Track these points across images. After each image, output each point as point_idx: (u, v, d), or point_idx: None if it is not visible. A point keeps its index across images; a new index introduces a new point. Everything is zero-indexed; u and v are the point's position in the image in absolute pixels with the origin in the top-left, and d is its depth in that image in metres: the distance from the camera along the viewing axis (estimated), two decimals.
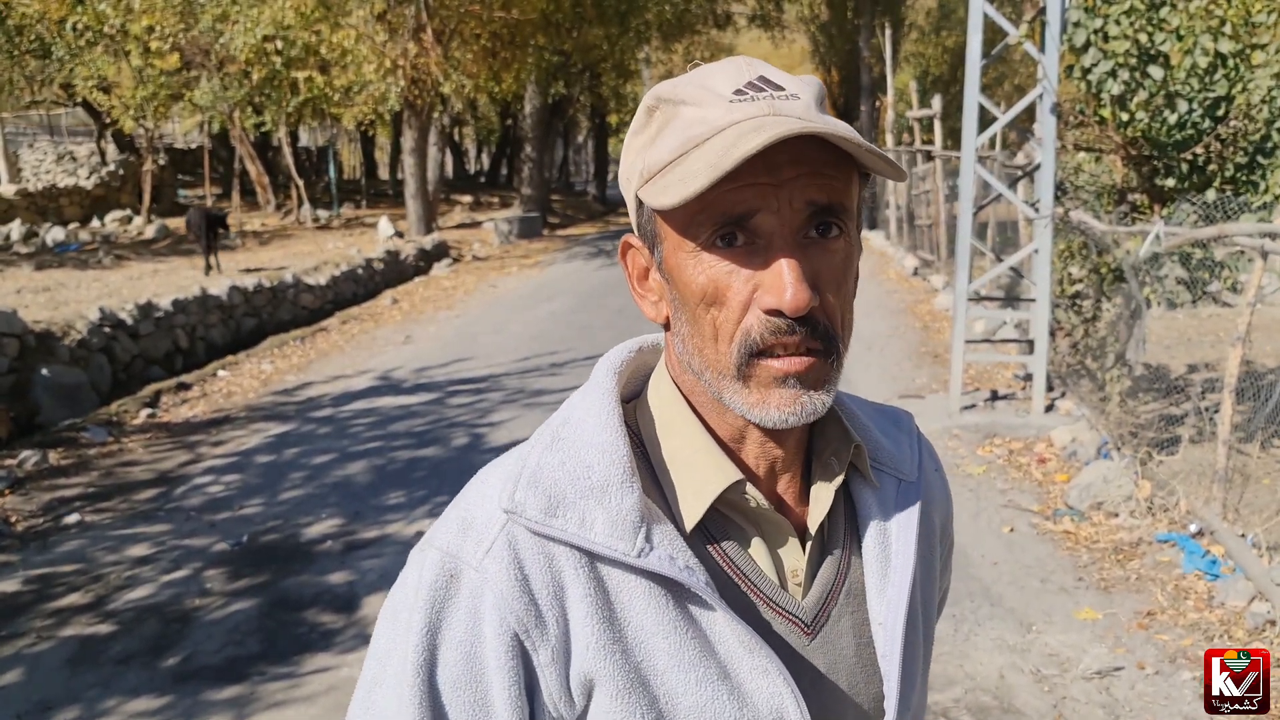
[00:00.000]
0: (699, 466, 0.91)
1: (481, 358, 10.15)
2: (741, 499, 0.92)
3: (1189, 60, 6.43)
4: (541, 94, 24.16)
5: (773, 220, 0.83)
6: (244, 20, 16.54)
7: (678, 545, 0.87)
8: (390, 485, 6.39)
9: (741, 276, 0.84)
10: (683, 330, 0.90)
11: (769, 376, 0.86)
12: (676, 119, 0.87)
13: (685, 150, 0.84)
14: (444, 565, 0.89)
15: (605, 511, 0.87)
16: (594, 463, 0.89)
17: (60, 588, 5.01)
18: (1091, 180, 7.73)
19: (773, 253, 0.83)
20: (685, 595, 0.88)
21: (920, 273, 15.29)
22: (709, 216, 0.83)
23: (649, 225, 0.90)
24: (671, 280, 0.89)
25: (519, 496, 0.87)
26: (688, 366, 0.91)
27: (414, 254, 17.70)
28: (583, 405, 0.94)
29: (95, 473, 6.88)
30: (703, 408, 0.93)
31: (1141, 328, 6.90)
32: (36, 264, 14.69)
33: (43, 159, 24.65)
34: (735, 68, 0.88)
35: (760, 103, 0.84)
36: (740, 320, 0.85)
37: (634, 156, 0.90)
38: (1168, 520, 5.34)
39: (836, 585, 0.96)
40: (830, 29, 34.38)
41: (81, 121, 29.94)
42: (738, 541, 0.93)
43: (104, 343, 9.45)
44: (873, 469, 1.01)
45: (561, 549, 0.87)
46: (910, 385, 8.60)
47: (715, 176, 0.78)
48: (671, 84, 0.89)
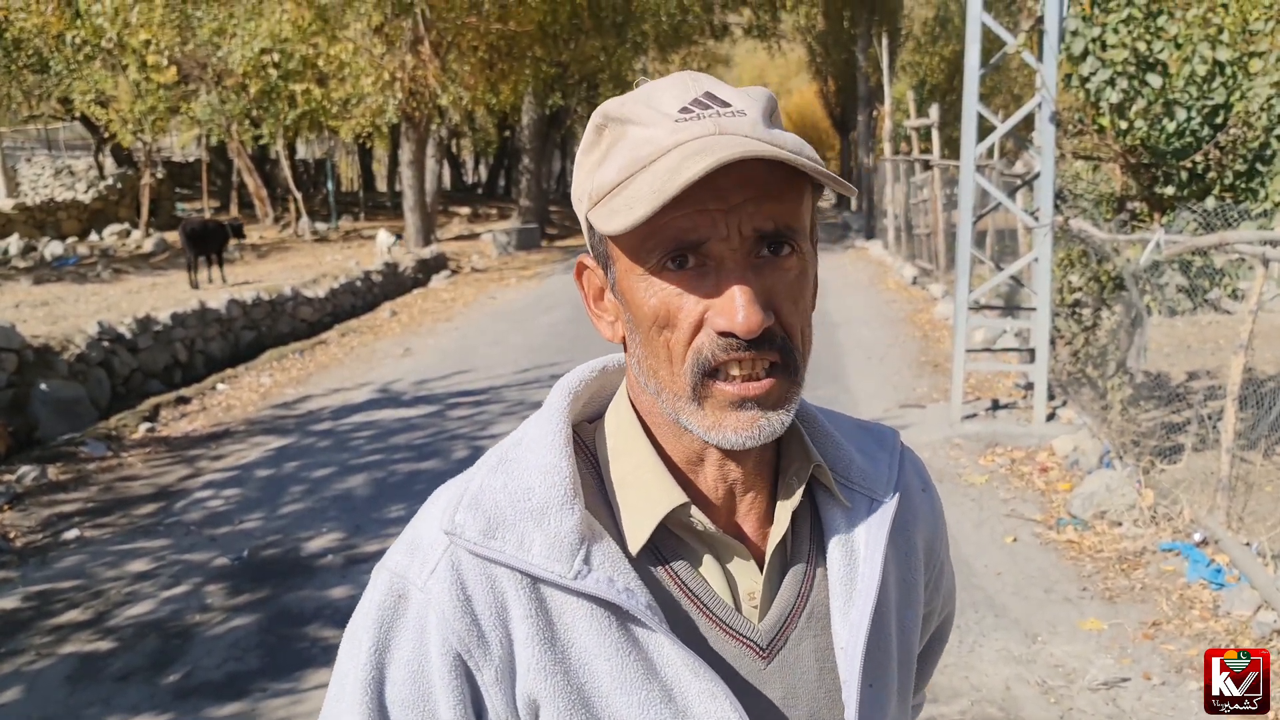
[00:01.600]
0: (646, 488, 0.91)
1: (481, 369, 10.14)
2: (690, 521, 0.90)
3: (1187, 68, 6.43)
4: (539, 105, 24.20)
5: (722, 246, 0.82)
6: (241, 34, 16.58)
7: (620, 567, 0.87)
8: (391, 498, 6.37)
9: (692, 299, 0.84)
10: (638, 351, 0.89)
11: (724, 399, 0.85)
12: (624, 139, 0.85)
13: (632, 173, 0.83)
14: (393, 585, 0.90)
15: (543, 533, 0.86)
16: (535, 485, 0.89)
17: (60, 604, 4.99)
18: (1090, 188, 7.73)
19: (724, 275, 0.83)
20: (628, 618, 0.87)
21: (919, 281, 15.30)
22: (658, 241, 0.83)
23: (601, 247, 0.90)
24: (624, 301, 0.89)
25: (459, 518, 0.88)
26: (644, 387, 0.90)
27: (412, 266, 17.71)
28: (535, 427, 0.94)
29: (94, 488, 6.86)
30: (658, 429, 0.93)
31: (1142, 336, 6.89)
32: (35, 278, 14.68)
33: (40, 173, 24.68)
34: (681, 84, 0.87)
35: (705, 121, 0.83)
36: (690, 341, 0.84)
37: (584, 176, 0.89)
38: (1171, 529, 5.32)
39: (796, 608, 0.94)
40: (827, 39, 34.46)
41: (79, 136, 29.98)
42: (690, 563, 0.91)
43: (103, 357, 9.44)
44: (844, 488, 0.98)
45: (503, 570, 0.87)
46: (911, 395, 8.58)
47: (658, 204, 0.78)
48: (619, 101, 0.88)
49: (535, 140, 25.24)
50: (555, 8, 19.35)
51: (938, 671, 3.92)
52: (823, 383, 9.07)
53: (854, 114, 32.95)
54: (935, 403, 8.20)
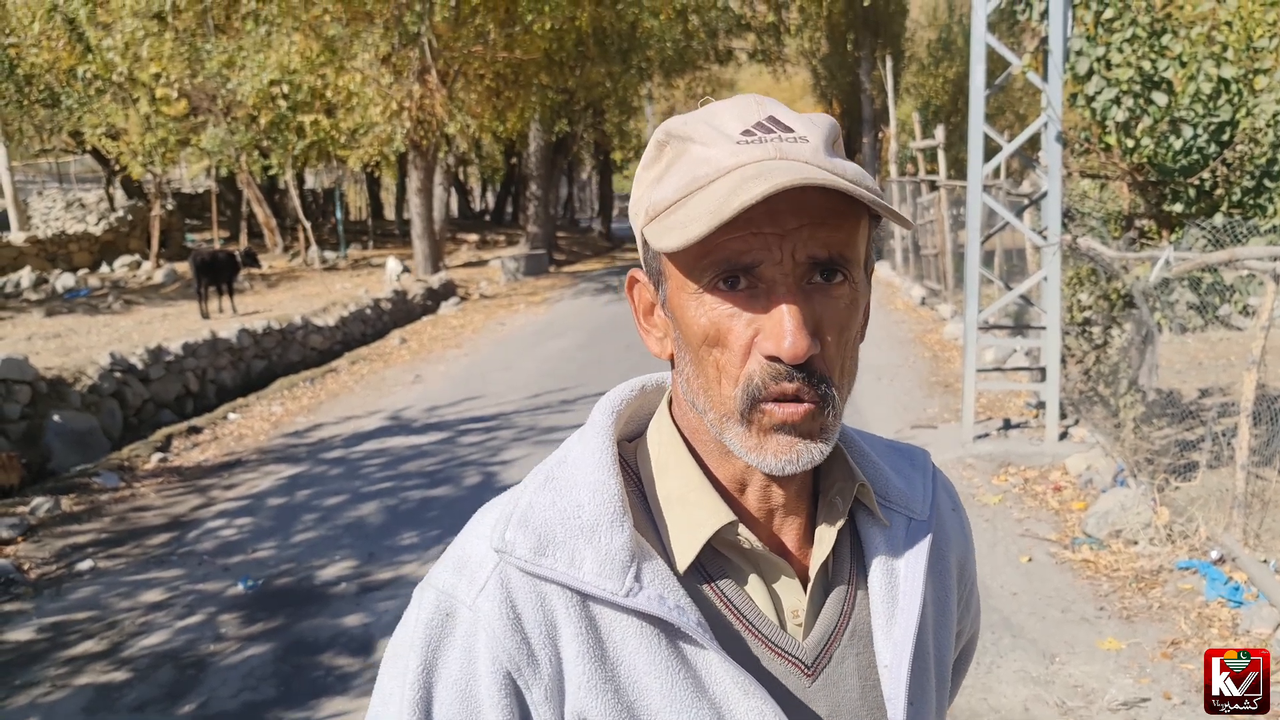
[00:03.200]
0: (693, 506, 0.91)
1: (491, 396, 10.15)
2: (737, 540, 0.91)
3: (1192, 86, 6.46)
4: (545, 132, 24.33)
5: (774, 270, 0.83)
6: (250, 66, 16.71)
7: (669, 585, 0.87)
8: (403, 525, 6.37)
9: (743, 320, 0.84)
10: (686, 369, 0.90)
11: (768, 423, 0.85)
12: (684, 156, 0.87)
13: (690, 191, 0.84)
14: (439, 604, 0.89)
15: (594, 550, 0.86)
16: (585, 502, 0.89)
17: (74, 635, 4.99)
18: (1098, 207, 7.74)
19: (774, 299, 0.83)
20: (678, 635, 0.88)
21: (928, 302, 15.29)
22: (711, 261, 0.83)
23: (654, 262, 0.91)
24: (675, 318, 0.89)
25: (509, 536, 0.88)
26: (692, 404, 0.91)
27: (421, 293, 17.76)
28: (579, 445, 0.94)
29: (108, 518, 6.87)
30: (704, 448, 0.93)
31: (1153, 353, 6.87)
32: (47, 310, 14.76)
33: (52, 206, 24.85)
34: (745, 106, 0.88)
35: (767, 145, 0.84)
36: (743, 364, 0.85)
37: (643, 191, 0.90)
38: (1188, 547, 5.29)
39: (839, 626, 0.95)
40: (831, 62, 34.65)
41: (90, 169, 30.21)
42: (735, 581, 0.92)
43: (115, 388, 9.47)
44: (882, 507, 1.00)
45: (553, 588, 0.87)
46: (922, 415, 8.57)
47: (714, 224, 0.78)
48: (683, 120, 0.89)
49: (542, 167, 25.36)
50: (561, 36, 19.48)
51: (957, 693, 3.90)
52: None
53: (859, 136, 33.06)
54: (947, 423, 8.18)
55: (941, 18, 33.53)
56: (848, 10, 28.54)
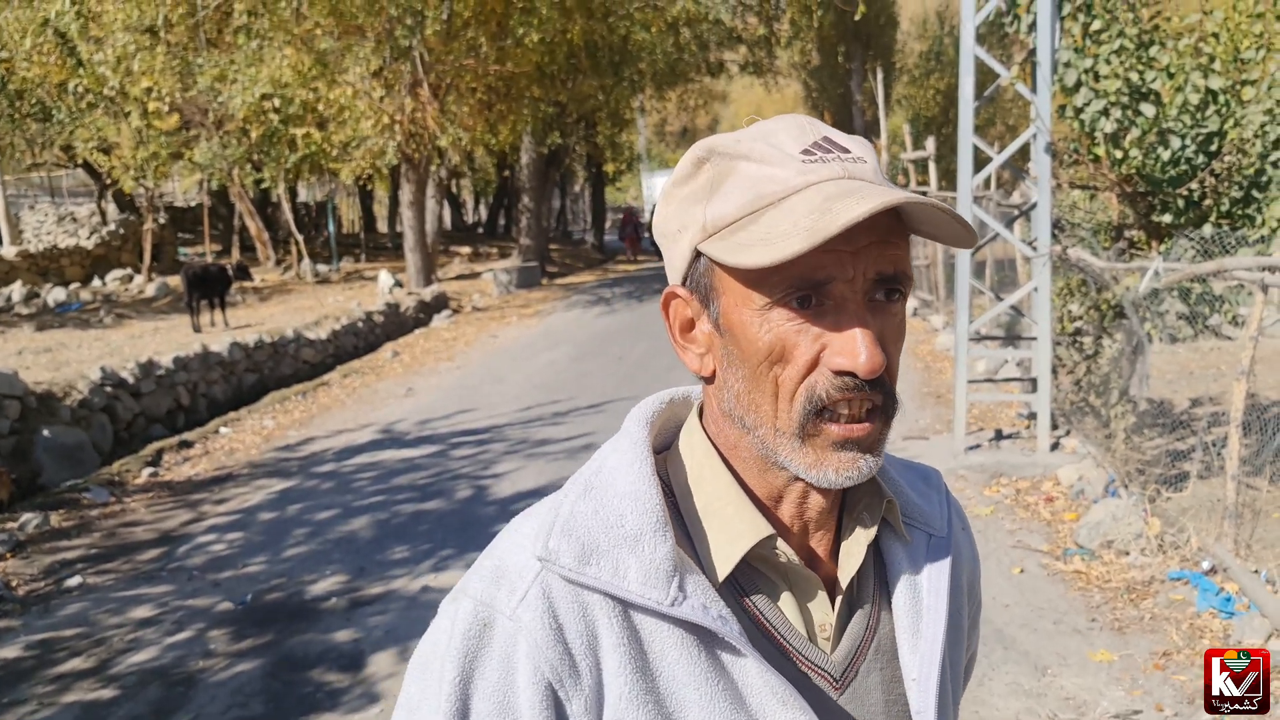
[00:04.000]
0: (731, 519, 0.91)
1: (484, 409, 10.13)
2: (772, 554, 0.92)
3: (1180, 97, 6.49)
4: (537, 145, 24.35)
5: (845, 287, 0.84)
6: (242, 80, 16.70)
7: (710, 595, 0.87)
8: (394, 540, 6.34)
9: (810, 335, 0.85)
10: (735, 386, 0.90)
11: (829, 440, 0.87)
12: (735, 174, 0.87)
13: (758, 208, 0.85)
14: (477, 614, 0.88)
15: (639, 560, 0.86)
16: (627, 512, 0.89)
17: (62, 652, 4.96)
18: (1088, 217, 7.77)
19: (844, 316, 0.85)
20: (718, 645, 0.88)
21: (919, 313, 15.32)
22: (784, 278, 0.84)
23: (704, 278, 0.90)
24: (730, 335, 0.89)
25: (553, 544, 0.87)
26: (737, 421, 0.91)
27: (414, 306, 17.74)
28: (615, 455, 0.94)
29: (97, 534, 6.84)
30: (740, 463, 0.93)
31: (1144, 363, 6.89)
32: (38, 325, 14.72)
33: (43, 220, 24.78)
34: (798, 126, 0.89)
35: (833, 164, 0.86)
36: (804, 377, 0.86)
37: (682, 207, 0.91)
38: (1179, 557, 5.29)
39: (865, 640, 0.96)
40: (822, 74, 34.78)
41: (82, 183, 30.19)
42: (767, 594, 0.93)
43: (105, 402, 9.44)
44: (905, 524, 1.01)
45: (595, 598, 0.87)
46: (914, 426, 8.57)
47: (814, 241, 0.79)
48: (730, 138, 0.90)
49: (534, 179, 25.37)
50: (552, 49, 19.51)
51: None
52: None
53: None
54: (938, 434, 8.18)
55: (931, 30, 33.70)
56: (838, 23, 28.64)
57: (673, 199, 0.92)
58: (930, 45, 32.75)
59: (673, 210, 0.92)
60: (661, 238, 0.94)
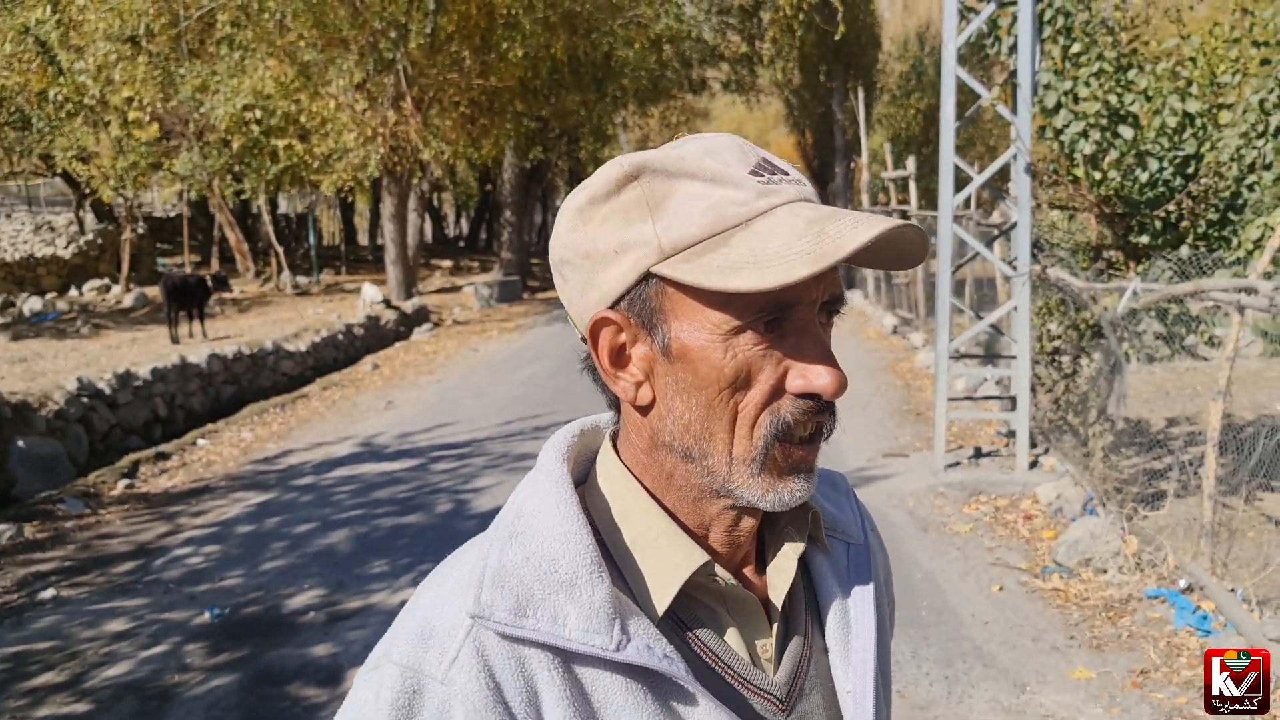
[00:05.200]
0: (665, 550, 0.88)
1: (464, 422, 10.10)
2: (710, 580, 0.89)
3: (1158, 120, 6.57)
4: (520, 159, 24.39)
5: (807, 310, 0.84)
6: (224, 90, 16.66)
7: (653, 634, 0.84)
8: (373, 554, 6.31)
9: (773, 359, 0.84)
10: (684, 414, 0.86)
11: (790, 463, 0.86)
12: (680, 194, 0.83)
13: (723, 229, 0.82)
14: (404, 681, 0.82)
15: (577, 606, 0.82)
16: (559, 555, 0.84)
17: (35, 666, 4.90)
18: (1067, 238, 7.84)
19: (806, 338, 0.84)
20: (664, 686, 0.84)
21: (899, 331, 15.39)
22: (751, 302, 0.82)
23: (651, 302, 0.85)
24: (684, 361, 0.85)
25: (485, 598, 0.82)
26: (679, 451, 0.87)
27: (394, 319, 17.69)
28: (536, 496, 0.89)
29: (72, 546, 6.77)
30: (671, 493, 0.90)
31: (1122, 383, 6.94)
32: (13, 334, 14.59)
33: (20, 229, 24.59)
34: (738, 146, 0.86)
35: (786, 187, 0.85)
36: (767, 403, 0.84)
37: (612, 227, 0.85)
38: (1156, 576, 5.33)
39: (805, 658, 0.95)
40: (803, 93, 34.97)
41: (60, 192, 29.97)
42: (707, 623, 0.90)
43: (81, 413, 9.36)
44: (825, 534, 1.00)
45: (533, 651, 0.82)
46: (894, 444, 8.60)
47: (822, 265, 0.78)
48: (661, 153, 0.85)
49: (516, 194, 25.40)
50: (536, 64, 19.57)
51: None
52: None
53: (831, 166, 33.36)
54: (918, 451, 8.21)
55: (913, 50, 33.95)
56: (820, 43, 28.82)
57: (592, 217, 0.86)
58: (911, 65, 33.00)
59: (597, 230, 0.86)
60: (583, 259, 0.87)
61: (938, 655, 4.69)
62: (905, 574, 5.67)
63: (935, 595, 5.39)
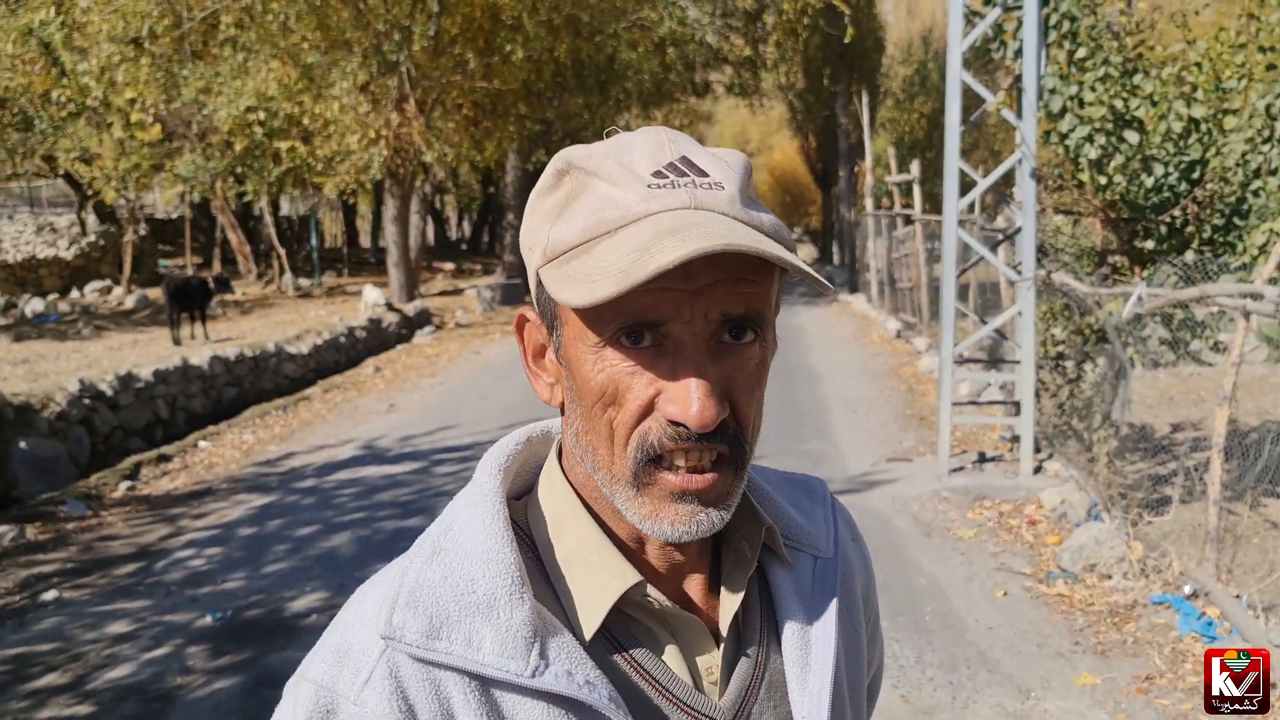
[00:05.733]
0: (594, 568, 0.84)
1: (466, 425, 10.09)
2: (645, 600, 0.85)
3: (1163, 125, 6.56)
4: (523, 162, 24.40)
5: (684, 329, 0.77)
6: (227, 92, 16.67)
7: (576, 658, 0.80)
8: (375, 557, 6.29)
9: (644, 379, 0.78)
10: (577, 424, 0.84)
11: (665, 490, 0.80)
12: (587, 193, 0.80)
13: (595, 235, 0.78)
14: (319, 700, 0.80)
15: (493, 629, 0.79)
16: (478, 575, 0.81)
17: (37, 667, 4.89)
18: (1071, 243, 7.82)
19: (681, 360, 0.77)
20: (588, 713, 0.80)
21: (903, 335, 15.38)
22: (614, 315, 0.77)
23: (550, 305, 0.84)
24: (570, 369, 0.83)
25: (397, 619, 0.79)
26: (580, 460, 0.85)
27: (397, 322, 17.69)
28: (465, 510, 0.86)
29: (74, 548, 6.76)
30: (598, 504, 0.87)
31: (1126, 388, 6.93)
32: (15, 335, 14.60)
33: (22, 230, 24.61)
34: (657, 143, 0.82)
35: (680, 191, 0.78)
36: (637, 423, 0.79)
37: (538, 221, 0.84)
38: (1161, 582, 5.31)
39: (755, 680, 0.89)
40: (807, 97, 35.01)
41: (62, 193, 30.01)
42: (646, 645, 0.86)
43: (83, 414, 9.35)
44: (787, 548, 0.94)
45: (448, 674, 0.79)
46: (898, 448, 8.58)
47: (624, 286, 0.72)
48: (587, 151, 0.83)
49: (519, 196, 25.38)
50: (539, 66, 19.58)
51: None
52: (809, 437, 9.07)
53: (835, 170, 33.37)
54: (922, 456, 8.20)
55: (917, 54, 33.96)
56: (824, 46, 28.86)
57: (533, 211, 0.85)
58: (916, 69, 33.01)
59: (531, 223, 0.85)
60: (526, 251, 0.86)
61: (942, 660, 4.67)
62: (909, 579, 5.65)
63: (939, 600, 5.38)
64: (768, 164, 53.57)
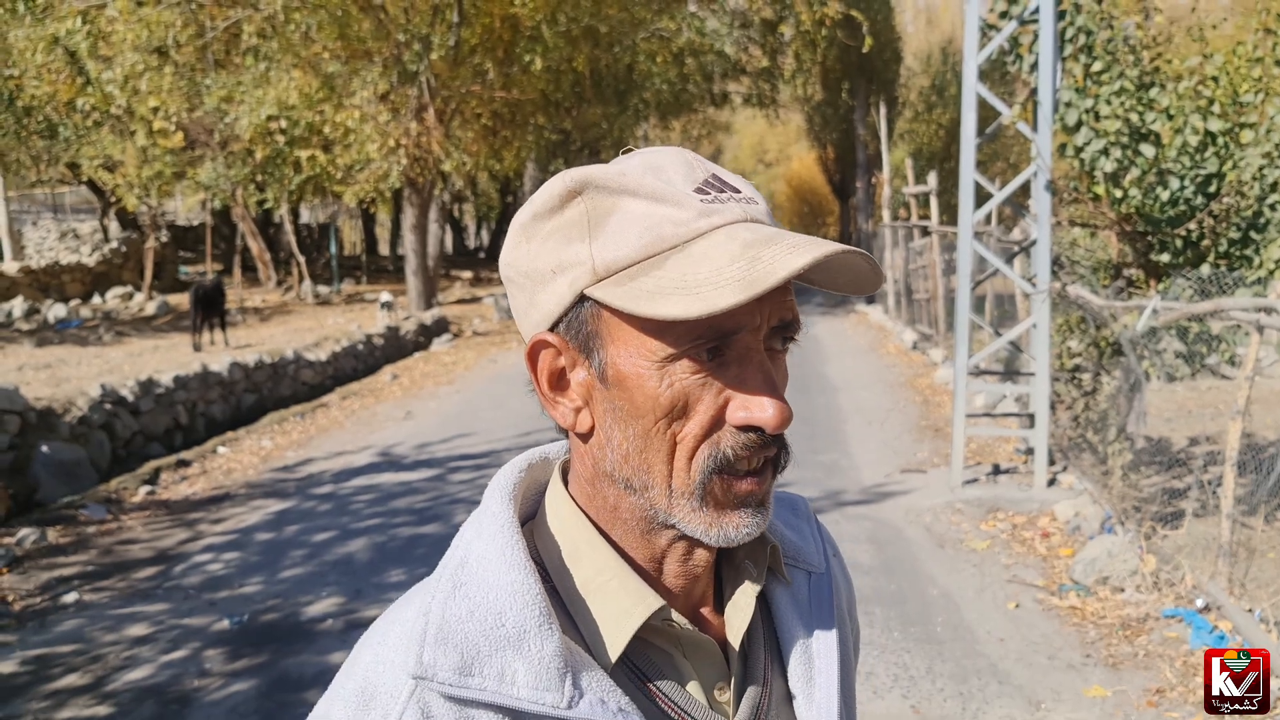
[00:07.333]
0: (616, 595, 0.83)
1: (482, 433, 10.14)
2: (665, 625, 0.84)
3: (1180, 139, 6.56)
4: (541, 171, 24.51)
5: (751, 337, 0.79)
6: (249, 101, 16.83)
7: (606, 686, 0.79)
8: (391, 563, 6.35)
9: (714, 389, 0.79)
10: (622, 444, 0.82)
11: (734, 496, 0.81)
12: (619, 211, 0.80)
13: (658, 251, 0.78)
14: None
15: (526, 662, 0.77)
16: (506, 608, 0.79)
17: (58, 668, 4.96)
18: (1087, 255, 7.82)
19: (749, 367, 0.79)
20: None
21: (919, 346, 15.36)
22: (691, 328, 0.77)
23: (588, 325, 0.82)
24: (621, 388, 0.81)
25: (428, 658, 0.77)
26: (620, 483, 0.83)
27: (414, 329, 17.79)
28: (480, 541, 0.84)
29: (94, 551, 6.84)
30: (619, 527, 0.86)
31: (1141, 401, 6.92)
32: (38, 341, 14.75)
33: (46, 236, 24.89)
34: (685, 162, 0.83)
35: (732, 206, 0.80)
36: (706, 435, 0.80)
37: (554, 245, 0.82)
38: (1174, 595, 5.30)
39: (764, 696, 0.90)
40: (825, 108, 35.02)
41: (85, 199, 30.31)
42: (663, 668, 0.85)
43: (104, 419, 9.46)
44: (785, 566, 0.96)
45: (482, 711, 0.78)
46: (912, 459, 8.59)
47: (751, 294, 0.73)
48: (605, 169, 0.82)
49: None
50: (558, 76, 19.69)
51: None
52: (824, 448, 9.08)
53: (853, 181, 33.37)
54: (936, 467, 8.20)
55: (935, 66, 33.95)
56: (842, 57, 28.89)
57: (535, 234, 0.83)
58: (934, 80, 32.99)
59: (539, 247, 0.82)
60: (524, 277, 0.84)
61: (953, 671, 4.68)
62: (921, 590, 5.66)
63: (951, 611, 5.39)
64: (786, 174, 53.57)
